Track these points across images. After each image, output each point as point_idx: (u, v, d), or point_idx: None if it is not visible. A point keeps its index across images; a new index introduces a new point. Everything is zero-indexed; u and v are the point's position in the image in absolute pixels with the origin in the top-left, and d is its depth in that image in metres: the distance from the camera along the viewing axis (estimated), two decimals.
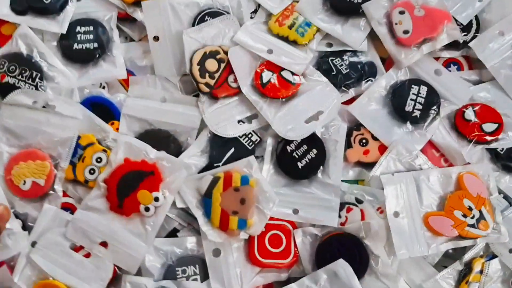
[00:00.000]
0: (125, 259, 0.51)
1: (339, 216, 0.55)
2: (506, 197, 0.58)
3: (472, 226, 0.55)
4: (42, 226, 0.51)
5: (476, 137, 0.58)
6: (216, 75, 0.57)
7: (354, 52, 0.60)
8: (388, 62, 0.61)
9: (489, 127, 0.58)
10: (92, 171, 0.53)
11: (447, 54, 0.62)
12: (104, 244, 0.51)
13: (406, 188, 0.56)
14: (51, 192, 0.53)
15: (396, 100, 0.58)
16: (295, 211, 0.55)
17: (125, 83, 0.59)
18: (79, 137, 0.54)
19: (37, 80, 0.56)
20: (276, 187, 0.55)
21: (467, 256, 0.56)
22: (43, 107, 0.55)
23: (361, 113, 0.58)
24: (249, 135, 0.57)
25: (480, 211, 0.55)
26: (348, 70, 0.59)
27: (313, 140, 0.56)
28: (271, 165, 0.56)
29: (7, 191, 0.52)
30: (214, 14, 0.60)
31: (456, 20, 0.61)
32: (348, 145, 0.57)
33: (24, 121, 0.54)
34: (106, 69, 0.58)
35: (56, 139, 0.54)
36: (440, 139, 0.58)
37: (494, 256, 0.56)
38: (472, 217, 0.55)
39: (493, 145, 0.58)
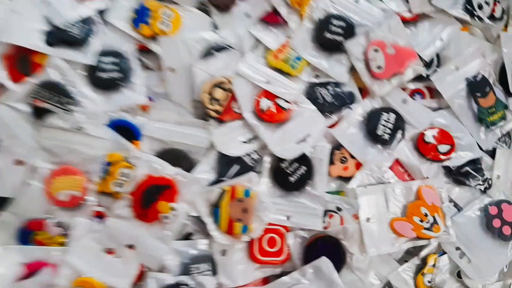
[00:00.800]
0: (149, 258, 0.58)
1: (323, 222, 0.62)
2: (455, 205, 0.67)
3: (427, 229, 0.63)
4: (78, 233, 0.57)
5: (432, 157, 0.66)
6: (223, 102, 0.63)
7: (337, 83, 0.67)
8: (365, 92, 0.68)
9: (443, 148, 0.66)
10: (118, 185, 0.59)
11: (412, 86, 0.69)
12: (131, 246, 0.58)
13: (376, 198, 0.64)
14: (86, 202, 0.58)
15: (370, 125, 0.66)
16: (288, 218, 0.62)
17: (145, 108, 0.64)
18: (107, 155, 0.59)
19: (69, 105, 0.60)
20: (272, 197, 0.62)
21: (423, 253, 0.64)
22: (76, 129, 0.59)
23: (342, 135, 0.65)
24: (251, 154, 0.63)
25: (434, 217, 0.64)
26: (332, 99, 0.65)
27: (303, 159, 0.63)
28: (268, 179, 0.63)
29: (48, 202, 0.58)
30: (220, 48, 0.65)
31: (421, 57, 0.68)
32: (331, 162, 0.65)
33: (60, 141, 0.59)
34: (128, 96, 0.63)
35: (88, 157, 0.59)
36: (404, 158, 0.66)
37: (444, 253, 0.65)
38: (427, 222, 0.63)
39: (446, 163, 0.67)
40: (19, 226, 0.57)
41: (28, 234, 0.57)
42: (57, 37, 0.61)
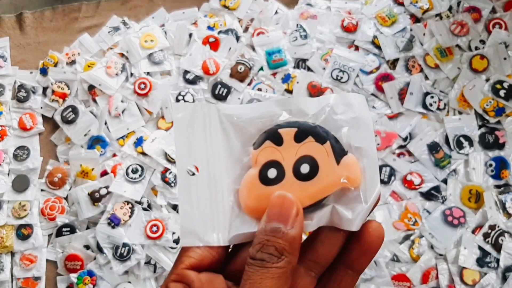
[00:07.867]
0: None
1: None
2: (427, 211, 1.26)
3: (412, 225, 1.22)
4: None
5: (412, 187, 1.26)
6: None
7: None
8: None
9: (417, 182, 1.26)
10: None
11: (397, 150, 1.30)
12: None
13: (383, 212, 1.24)
14: None
15: None
16: None
17: None
18: None
19: None
20: None
21: (412, 237, 1.23)
22: None
23: None
24: None
25: (415, 218, 1.23)
26: None
27: None
28: None
29: None
30: None
31: (400, 136, 1.29)
32: None
33: None
34: None
35: None
36: (397, 189, 1.26)
37: (422, 236, 1.24)
38: (412, 221, 1.23)
39: (420, 190, 1.26)
40: None
41: None
42: None
